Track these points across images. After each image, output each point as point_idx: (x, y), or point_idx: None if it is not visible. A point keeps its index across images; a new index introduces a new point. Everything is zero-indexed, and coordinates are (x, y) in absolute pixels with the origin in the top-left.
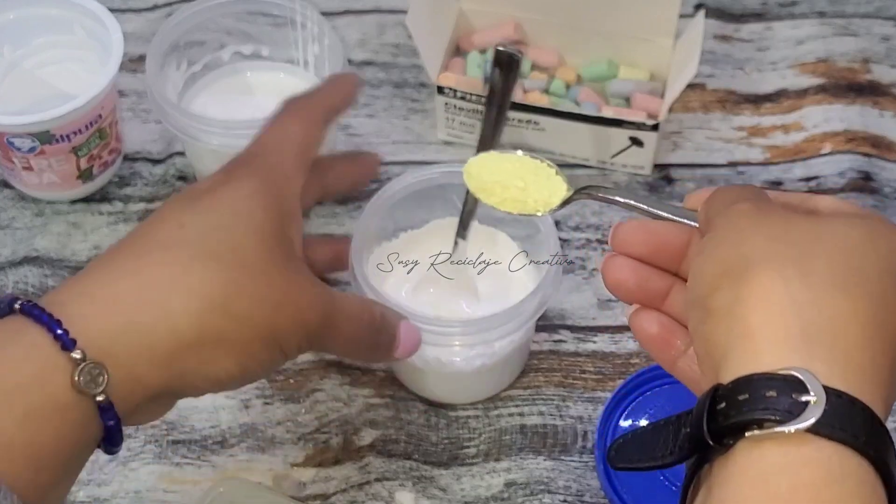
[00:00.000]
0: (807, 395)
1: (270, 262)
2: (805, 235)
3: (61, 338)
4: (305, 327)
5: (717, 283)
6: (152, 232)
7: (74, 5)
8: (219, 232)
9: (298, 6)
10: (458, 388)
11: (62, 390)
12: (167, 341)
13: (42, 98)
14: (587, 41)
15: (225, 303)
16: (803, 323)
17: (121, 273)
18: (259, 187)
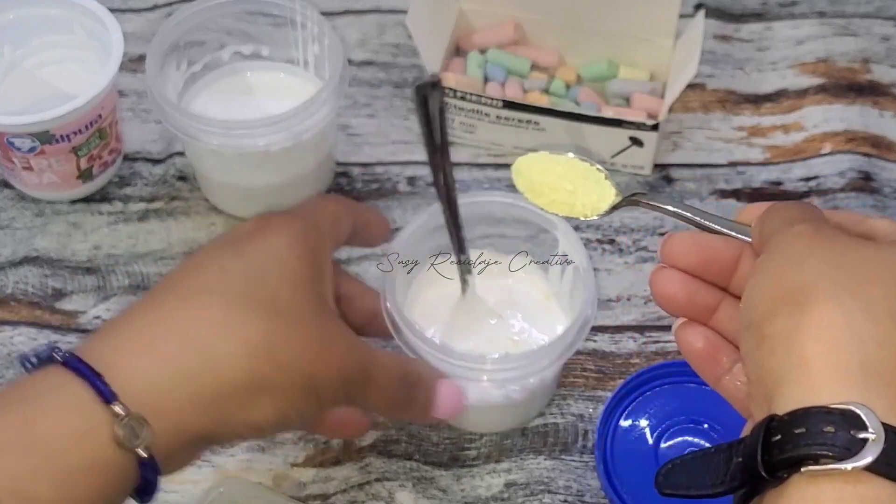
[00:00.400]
0: (865, 431)
1: (308, 311)
2: (865, 263)
3: (103, 392)
4: (343, 377)
5: (774, 308)
6: (193, 275)
7: (74, 5)
8: (260, 279)
9: (298, 6)
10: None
11: (103, 447)
12: (211, 387)
13: (42, 98)
14: (587, 41)
15: (268, 349)
16: (863, 357)
17: (162, 317)
18: (297, 238)
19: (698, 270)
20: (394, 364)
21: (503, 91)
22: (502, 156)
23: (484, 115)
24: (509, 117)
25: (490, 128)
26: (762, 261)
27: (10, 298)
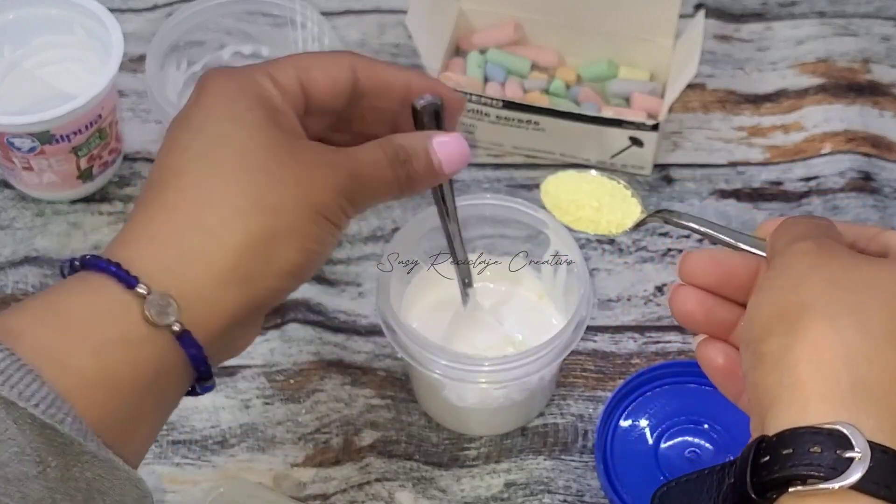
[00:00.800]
0: (851, 451)
1: (276, 149)
2: (866, 281)
3: (124, 278)
4: (338, 190)
5: (770, 327)
6: (164, 165)
7: (74, 5)
8: (220, 142)
9: (298, 6)
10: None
11: (135, 325)
12: (222, 256)
13: (42, 98)
14: (587, 41)
15: (255, 202)
16: (854, 376)
17: (154, 212)
18: (237, 93)
19: (716, 287)
20: (379, 152)
21: (503, 91)
22: (502, 156)
23: (484, 115)
24: (509, 117)
25: (490, 128)
26: (763, 279)
27: (10, 298)
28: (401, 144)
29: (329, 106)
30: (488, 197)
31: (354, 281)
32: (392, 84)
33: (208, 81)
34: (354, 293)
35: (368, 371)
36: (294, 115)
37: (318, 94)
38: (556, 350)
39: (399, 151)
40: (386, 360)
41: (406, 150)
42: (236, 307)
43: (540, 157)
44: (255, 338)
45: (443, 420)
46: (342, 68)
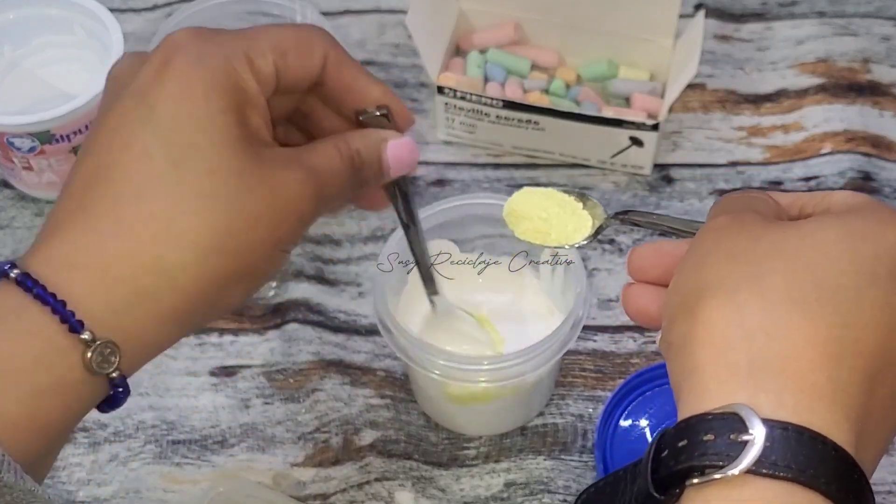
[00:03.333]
0: (746, 433)
1: (248, 171)
2: (769, 250)
3: (69, 320)
4: (301, 219)
5: (674, 314)
6: (118, 164)
7: (74, 5)
8: (188, 154)
9: (298, 6)
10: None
11: (71, 372)
12: (172, 299)
13: (42, 98)
14: (587, 41)
15: (218, 243)
16: (751, 353)
17: (105, 229)
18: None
19: (667, 279)
20: (337, 160)
21: (503, 91)
22: (502, 156)
23: (484, 115)
24: (509, 117)
25: (490, 128)
26: (679, 265)
27: None
28: (357, 150)
29: (293, 92)
30: (482, 196)
31: (354, 281)
32: (352, 87)
33: (177, 56)
34: (354, 293)
35: (368, 371)
36: (265, 108)
37: (288, 80)
38: (553, 349)
39: (355, 158)
40: (385, 359)
41: (361, 156)
42: (170, 341)
43: (540, 157)
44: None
45: (442, 420)
46: (315, 56)
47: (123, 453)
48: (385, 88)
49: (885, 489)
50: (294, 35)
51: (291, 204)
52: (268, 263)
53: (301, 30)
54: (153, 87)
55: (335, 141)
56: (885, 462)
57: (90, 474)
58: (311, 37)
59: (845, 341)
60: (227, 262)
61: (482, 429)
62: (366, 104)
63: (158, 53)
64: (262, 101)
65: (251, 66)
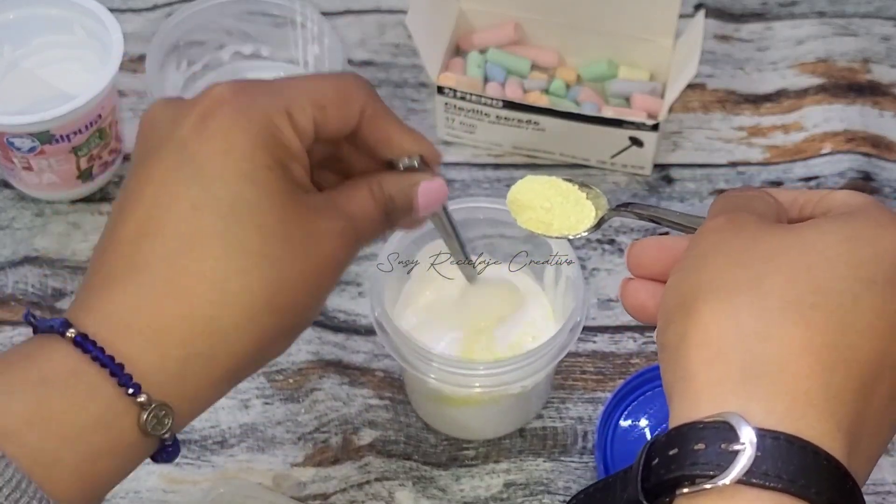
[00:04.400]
0: (737, 442)
1: (293, 224)
2: (768, 253)
3: (126, 383)
4: (340, 267)
5: (670, 316)
6: (166, 219)
7: (74, 5)
8: (237, 211)
9: (298, 6)
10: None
11: (127, 434)
12: (225, 361)
13: (42, 98)
14: (587, 41)
15: (270, 302)
16: (746, 359)
17: (159, 288)
18: (257, 139)
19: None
20: (371, 204)
21: (503, 91)
22: (502, 156)
23: (484, 115)
24: (509, 117)
25: (490, 128)
26: (676, 264)
27: (10, 298)
28: (391, 196)
29: (330, 142)
30: (482, 200)
31: (354, 281)
32: (388, 140)
33: (218, 111)
34: (354, 293)
35: (367, 372)
36: (306, 159)
37: (326, 133)
38: (551, 353)
39: (388, 203)
40: (384, 360)
41: (395, 201)
42: (220, 397)
43: (540, 157)
44: None
45: (437, 424)
46: (353, 111)
47: None
48: (418, 138)
49: (885, 489)
50: (333, 88)
51: (335, 254)
52: (311, 313)
53: (340, 82)
54: (197, 143)
55: (370, 185)
56: (884, 462)
57: None
58: (350, 90)
59: (840, 348)
60: (276, 320)
61: (478, 433)
62: (399, 155)
63: (199, 106)
64: (303, 153)
65: (291, 120)
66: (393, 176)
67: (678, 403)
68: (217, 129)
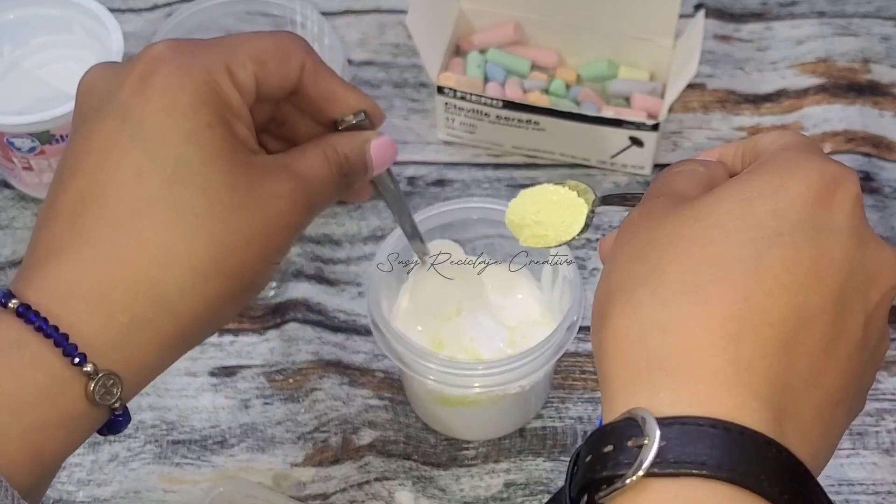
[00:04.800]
0: (640, 437)
1: (238, 184)
2: (667, 239)
3: (71, 353)
4: (293, 230)
5: (592, 324)
6: (109, 185)
7: (74, 5)
8: (180, 173)
9: (298, 6)
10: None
11: (75, 404)
12: (172, 325)
13: (42, 98)
14: (587, 41)
15: (217, 266)
16: (648, 353)
17: (102, 255)
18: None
19: None
20: (325, 167)
21: (503, 91)
22: (502, 156)
23: (484, 115)
24: (509, 117)
25: (490, 128)
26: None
27: None
28: (345, 155)
29: (271, 100)
30: (478, 200)
31: (354, 281)
32: (332, 96)
33: (159, 70)
34: (354, 293)
35: (367, 372)
36: (249, 117)
37: (268, 89)
38: (549, 352)
39: (343, 163)
40: (384, 360)
41: (349, 160)
42: (169, 365)
43: (540, 157)
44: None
45: (438, 426)
46: (293, 66)
47: (123, 453)
48: (359, 94)
49: (885, 489)
50: (272, 44)
51: (285, 217)
52: (261, 278)
53: (278, 38)
54: (137, 103)
55: (323, 147)
56: (884, 462)
57: (90, 474)
58: (289, 45)
59: (747, 315)
60: (224, 283)
61: (478, 433)
62: (343, 112)
63: (138, 66)
64: (245, 111)
65: (232, 77)
66: (343, 136)
67: (603, 409)
68: (157, 87)
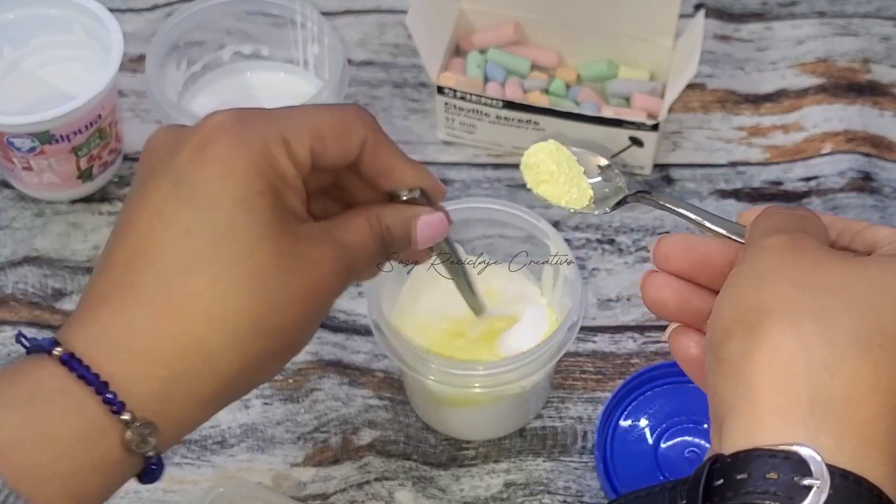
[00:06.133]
0: (809, 477)
1: (283, 251)
2: (835, 283)
3: (110, 401)
4: (332, 294)
5: (730, 330)
6: (160, 242)
7: (74, 5)
8: (228, 234)
9: (298, 6)
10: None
11: (111, 451)
12: (212, 384)
13: (42, 98)
14: (587, 41)
15: (258, 325)
16: (813, 390)
17: (147, 307)
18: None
19: (691, 274)
20: (367, 235)
21: (503, 91)
22: (502, 156)
23: (484, 115)
24: (509, 117)
25: (490, 128)
26: (731, 275)
27: (10, 298)
28: (388, 227)
29: (329, 172)
30: (478, 200)
31: None
32: (389, 172)
33: (218, 138)
34: (354, 293)
35: (367, 372)
36: (301, 188)
37: (325, 163)
38: (549, 353)
39: (385, 234)
40: (384, 360)
41: (391, 232)
42: (207, 419)
43: None
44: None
45: (438, 426)
46: (353, 142)
47: None
48: (420, 170)
49: None
50: (333, 119)
51: (325, 281)
52: (300, 339)
53: (340, 114)
54: (194, 168)
55: (367, 215)
56: None
57: None
58: (351, 121)
59: None
60: (264, 343)
61: (478, 434)
62: (400, 187)
63: (198, 134)
64: (298, 182)
65: (288, 149)
66: (392, 208)
67: (737, 422)
68: (214, 155)
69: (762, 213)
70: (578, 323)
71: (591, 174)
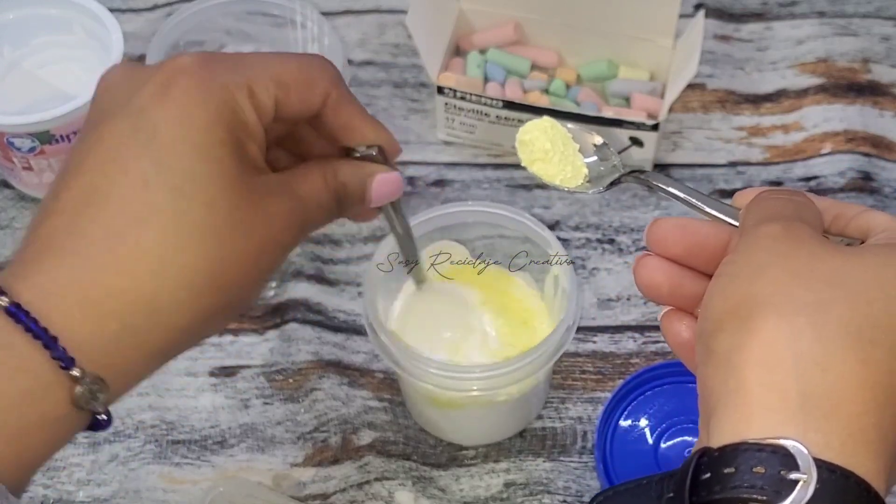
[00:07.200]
0: (797, 471)
1: (243, 204)
2: (830, 275)
3: (59, 356)
4: (285, 249)
5: (721, 321)
6: (113, 190)
7: (74, 5)
8: (186, 186)
9: (298, 6)
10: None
11: (58, 407)
12: (161, 337)
13: (42, 98)
14: (587, 41)
15: (211, 281)
16: (803, 385)
17: (99, 260)
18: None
19: (685, 257)
20: (324, 191)
21: (503, 91)
22: (502, 156)
23: (484, 115)
24: (509, 117)
25: (490, 128)
26: (723, 263)
27: None
28: (343, 183)
29: (290, 122)
30: (470, 204)
31: (354, 281)
32: (349, 127)
33: (180, 80)
34: (354, 293)
35: (366, 372)
36: (262, 138)
37: (287, 113)
38: (547, 354)
39: (340, 190)
40: (384, 360)
41: (347, 189)
42: (154, 371)
43: None
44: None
45: (436, 430)
46: (316, 94)
47: (123, 453)
48: (379, 127)
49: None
50: (298, 69)
51: (280, 236)
52: (251, 294)
53: (305, 63)
54: (155, 110)
55: (323, 170)
56: None
57: (90, 474)
58: (315, 72)
59: (893, 388)
60: (217, 299)
61: (477, 438)
62: (358, 143)
63: (160, 73)
64: (260, 131)
65: (252, 97)
66: (349, 164)
67: (727, 415)
68: (177, 98)
69: (756, 197)
70: (576, 324)
71: (587, 152)
